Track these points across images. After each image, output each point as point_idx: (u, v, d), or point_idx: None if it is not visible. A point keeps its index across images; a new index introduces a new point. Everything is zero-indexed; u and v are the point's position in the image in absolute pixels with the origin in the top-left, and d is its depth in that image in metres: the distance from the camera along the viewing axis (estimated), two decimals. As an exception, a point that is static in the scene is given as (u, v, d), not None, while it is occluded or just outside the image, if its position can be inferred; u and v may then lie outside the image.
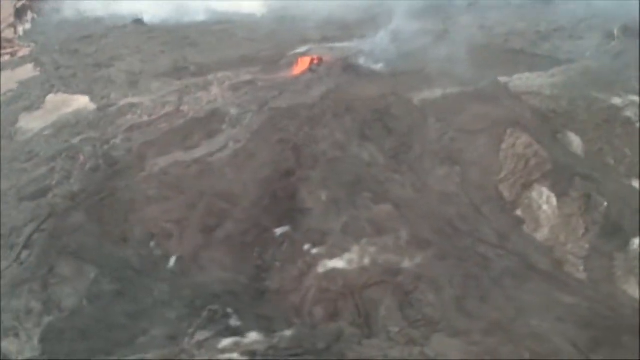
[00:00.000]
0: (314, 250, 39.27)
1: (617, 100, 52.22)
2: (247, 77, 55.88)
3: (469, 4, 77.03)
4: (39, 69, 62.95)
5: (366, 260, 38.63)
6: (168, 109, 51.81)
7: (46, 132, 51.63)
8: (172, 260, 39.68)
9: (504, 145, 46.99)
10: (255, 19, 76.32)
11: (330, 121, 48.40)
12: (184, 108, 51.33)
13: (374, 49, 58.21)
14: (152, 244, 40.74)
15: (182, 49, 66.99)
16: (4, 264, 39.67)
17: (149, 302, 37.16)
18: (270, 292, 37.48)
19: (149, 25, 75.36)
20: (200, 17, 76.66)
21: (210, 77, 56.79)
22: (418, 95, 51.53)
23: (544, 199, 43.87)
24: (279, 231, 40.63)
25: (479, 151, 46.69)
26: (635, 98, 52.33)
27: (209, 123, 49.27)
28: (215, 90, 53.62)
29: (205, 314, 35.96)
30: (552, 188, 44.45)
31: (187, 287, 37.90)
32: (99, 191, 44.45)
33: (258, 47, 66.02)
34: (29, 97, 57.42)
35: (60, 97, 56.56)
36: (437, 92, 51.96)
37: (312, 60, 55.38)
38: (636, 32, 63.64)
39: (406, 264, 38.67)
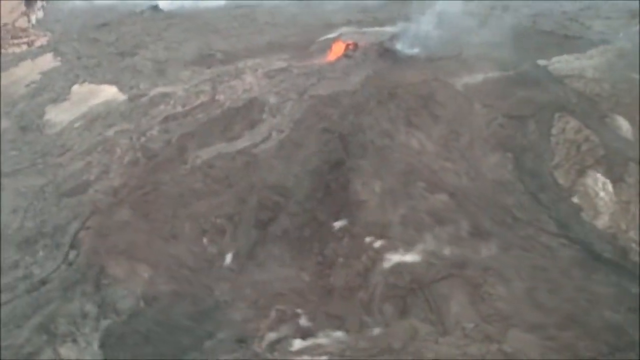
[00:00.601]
0: (376, 244, 37.30)
1: (662, 82, 50.16)
2: (280, 64, 53.52)
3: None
4: (59, 58, 60.24)
5: (430, 254, 36.68)
6: (203, 98, 49.47)
7: (77, 125, 49.19)
8: (228, 258, 37.69)
9: (554, 131, 45.19)
10: (274, 4, 73.31)
11: (374, 109, 46.38)
12: (220, 97, 49.03)
13: (405, 34, 55.60)
14: (204, 240, 38.74)
15: (205, 35, 64.41)
16: (52, 264, 37.70)
17: (211, 302, 35.22)
18: (336, 289, 35.26)
19: (166, 12, 72.40)
20: (215, 2, 73.46)
21: (240, 64, 54.40)
22: (460, 81, 49.57)
23: (600, 186, 42.11)
24: (337, 225, 38.29)
25: (530, 137, 44.96)
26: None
27: (248, 112, 47.09)
28: (249, 78, 51.29)
29: (273, 314, 33.60)
30: (607, 174, 42.76)
31: (248, 286, 35.94)
32: (141, 185, 42.29)
33: (283, 32, 63.62)
34: (53, 88, 54.86)
35: (87, 87, 54.03)
36: (479, 77, 50.10)
37: (348, 45, 52.95)
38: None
39: (471, 256, 36.77)
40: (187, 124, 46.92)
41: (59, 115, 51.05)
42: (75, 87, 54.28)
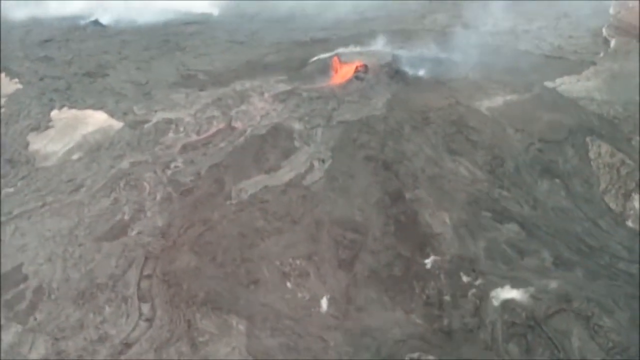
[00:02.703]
0: (477, 282, 36.64)
1: (661, 104, 53.26)
2: (283, 86, 51.79)
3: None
4: (16, 80, 54.66)
5: (531, 287, 36.78)
6: (217, 125, 46.80)
7: (76, 156, 45.23)
8: (324, 303, 35.68)
9: (591, 155, 46.33)
10: (221, 21, 71.10)
11: (411, 135, 46.13)
12: (237, 124, 46.45)
13: (408, 55, 55.80)
14: (288, 284, 36.24)
15: (171, 53, 61.32)
16: (128, 322, 34.31)
17: (333, 355, 34.10)
18: (455, 331, 34.49)
19: (110, 27, 68.03)
20: (151, 17, 70.23)
21: (237, 87, 52.28)
22: (482, 104, 50.55)
23: (648, 208, 43.63)
24: (428, 262, 37.43)
25: (572, 162, 45.99)
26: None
27: (276, 140, 45.36)
28: (258, 102, 49.15)
29: (408, 365, 32.35)
30: (652, 196, 44.21)
31: (361, 334, 34.41)
32: (189, 225, 39.71)
33: (256, 51, 61.89)
34: (28, 115, 49.91)
35: (68, 113, 49.70)
36: (498, 100, 51.15)
37: (357, 67, 51.93)
38: (624, 31, 65.51)
39: (568, 287, 37.21)
40: (211, 154, 44.34)
41: (48, 146, 46.53)
42: (55, 113, 49.61)
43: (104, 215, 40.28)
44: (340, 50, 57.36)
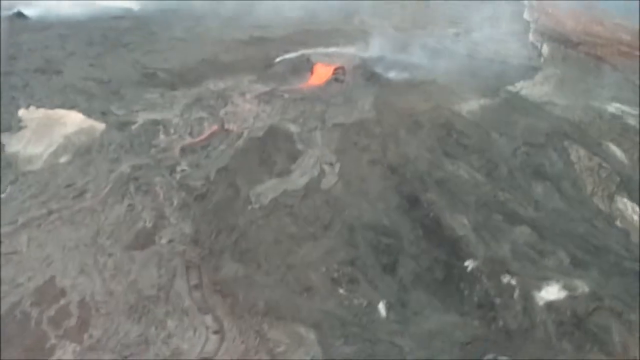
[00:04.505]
0: (513, 282, 39.77)
1: (611, 109, 58.95)
2: (260, 87, 52.85)
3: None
4: (-38, 76, 51.93)
5: (564, 287, 39.99)
6: (209, 127, 47.15)
7: (64, 159, 43.96)
8: (382, 308, 37.47)
9: (573, 158, 50.75)
10: (144, 14, 71.19)
11: (408, 138, 48.76)
12: (232, 126, 47.10)
13: (378, 58, 58.36)
14: (341, 291, 37.89)
15: (117, 50, 60.29)
16: (198, 335, 34.81)
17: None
18: (513, 331, 37.25)
19: (37, 21, 65.93)
20: (77, 11, 69.05)
21: (210, 86, 52.65)
22: (460, 108, 53.67)
23: (630, 209, 48.58)
24: (468, 264, 40.13)
25: (557, 165, 50.05)
26: (620, 106, 59.41)
27: (277, 143, 46.36)
28: (244, 104, 49.81)
29: (483, 364, 34.82)
30: (631, 198, 49.23)
31: (428, 337, 36.39)
32: (217, 231, 39.88)
33: (207, 49, 62.18)
34: (-8, 114, 47.65)
35: (38, 112, 47.85)
36: (473, 104, 54.28)
37: (336, 69, 53.85)
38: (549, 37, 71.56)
39: (593, 285, 40.81)
40: (215, 158, 44.76)
41: (27, 148, 44.84)
42: (23, 113, 47.71)
43: (124, 223, 39.71)
44: (309, 51, 58.44)
